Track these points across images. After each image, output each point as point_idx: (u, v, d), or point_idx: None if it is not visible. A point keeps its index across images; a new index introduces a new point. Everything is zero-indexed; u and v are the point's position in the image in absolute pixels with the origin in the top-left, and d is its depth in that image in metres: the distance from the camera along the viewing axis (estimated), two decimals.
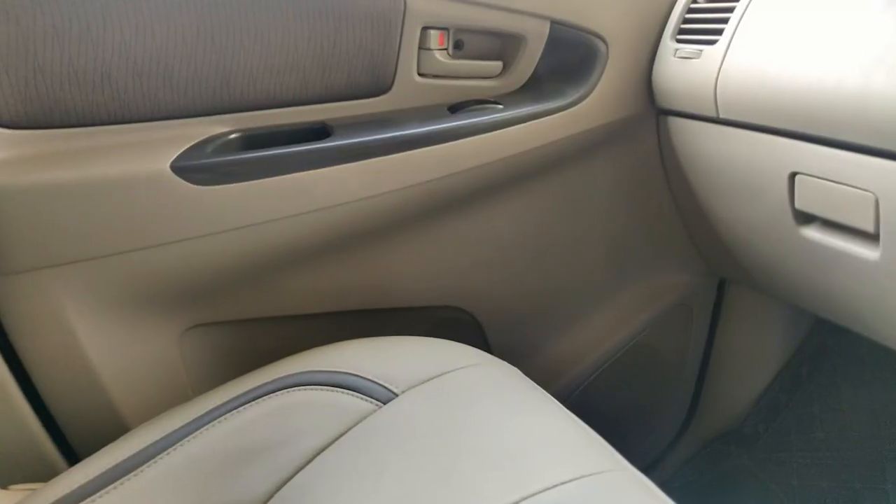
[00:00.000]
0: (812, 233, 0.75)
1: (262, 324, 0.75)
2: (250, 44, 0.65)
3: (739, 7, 0.77)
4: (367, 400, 0.59)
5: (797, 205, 0.74)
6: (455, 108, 0.77)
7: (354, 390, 0.60)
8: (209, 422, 0.56)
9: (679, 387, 1.11)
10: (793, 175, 0.73)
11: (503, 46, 0.80)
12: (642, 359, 1.03)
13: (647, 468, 1.11)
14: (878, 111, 0.61)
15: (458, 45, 0.77)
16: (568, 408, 0.60)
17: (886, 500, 0.98)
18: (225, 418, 0.57)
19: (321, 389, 0.60)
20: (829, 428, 1.11)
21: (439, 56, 0.75)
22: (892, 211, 0.64)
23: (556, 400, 0.61)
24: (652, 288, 1.02)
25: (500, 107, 0.77)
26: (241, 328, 0.74)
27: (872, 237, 0.68)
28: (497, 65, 0.80)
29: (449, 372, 0.63)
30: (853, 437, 1.08)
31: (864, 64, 0.62)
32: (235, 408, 0.58)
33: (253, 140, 0.68)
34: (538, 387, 0.63)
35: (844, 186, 0.68)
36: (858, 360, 1.14)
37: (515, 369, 0.66)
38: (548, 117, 0.78)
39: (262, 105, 0.69)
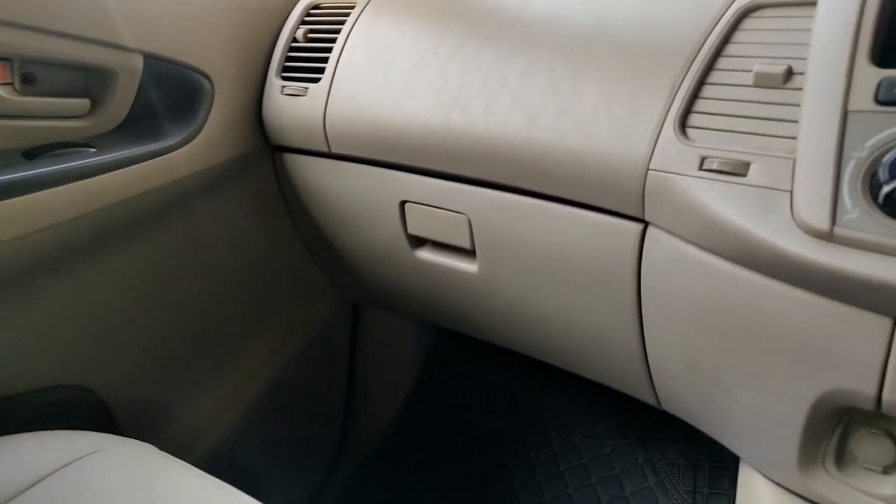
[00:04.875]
0: (425, 254, 0.83)
1: None
2: None
3: (336, 47, 0.81)
4: None
5: (409, 230, 0.81)
6: (32, 154, 0.65)
7: None
8: None
9: (329, 415, 1.13)
10: (403, 203, 0.80)
11: (89, 82, 0.70)
12: (290, 396, 1.02)
13: (311, 501, 1.10)
14: (458, 144, 0.69)
15: (28, 80, 0.65)
16: (216, 470, 0.55)
17: (508, 473, 1.14)
18: None
19: None
20: (459, 422, 1.24)
21: (2, 92, 0.63)
22: (481, 229, 0.74)
23: (197, 469, 0.55)
24: (290, 324, 1.01)
25: (93, 150, 0.68)
26: None
27: (470, 253, 0.78)
28: (83, 103, 0.70)
29: (62, 468, 0.53)
30: (477, 423, 1.23)
31: (445, 103, 0.70)
32: None
33: None
34: (176, 460, 0.56)
35: (444, 211, 0.76)
36: (477, 357, 1.30)
37: (148, 446, 0.58)
38: (152, 160, 0.71)
39: None
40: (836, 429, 0.57)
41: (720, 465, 1.04)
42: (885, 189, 0.43)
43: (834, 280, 0.47)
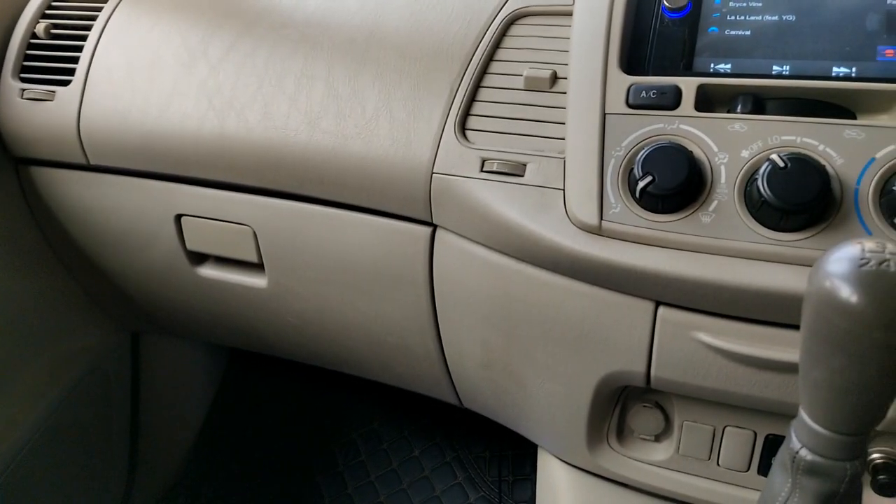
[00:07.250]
0: (207, 271, 0.76)
1: None
2: None
3: (88, 44, 0.72)
4: None
5: (188, 246, 0.74)
6: None
7: None
8: None
9: (112, 456, 1.00)
10: (178, 217, 0.73)
11: None
12: (61, 443, 0.88)
13: None
14: (235, 151, 0.65)
15: None
16: None
17: (318, 491, 1.10)
18: None
19: None
20: (261, 445, 1.18)
21: None
22: (268, 241, 0.70)
23: None
24: (55, 361, 0.88)
25: None
26: None
27: (258, 266, 0.73)
28: None
29: None
30: (281, 444, 1.17)
31: (218, 108, 0.65)
32: None
33: None
34: None
35: (226, 223, 0.71)
36: (274, 376, 1.24)
37: None
38: None
39: None
40: (616, 407, 0.62)
41: (522, 452, 1.09)
42: (640, 184, 0.47)
43: (604, 270, 0.50)
